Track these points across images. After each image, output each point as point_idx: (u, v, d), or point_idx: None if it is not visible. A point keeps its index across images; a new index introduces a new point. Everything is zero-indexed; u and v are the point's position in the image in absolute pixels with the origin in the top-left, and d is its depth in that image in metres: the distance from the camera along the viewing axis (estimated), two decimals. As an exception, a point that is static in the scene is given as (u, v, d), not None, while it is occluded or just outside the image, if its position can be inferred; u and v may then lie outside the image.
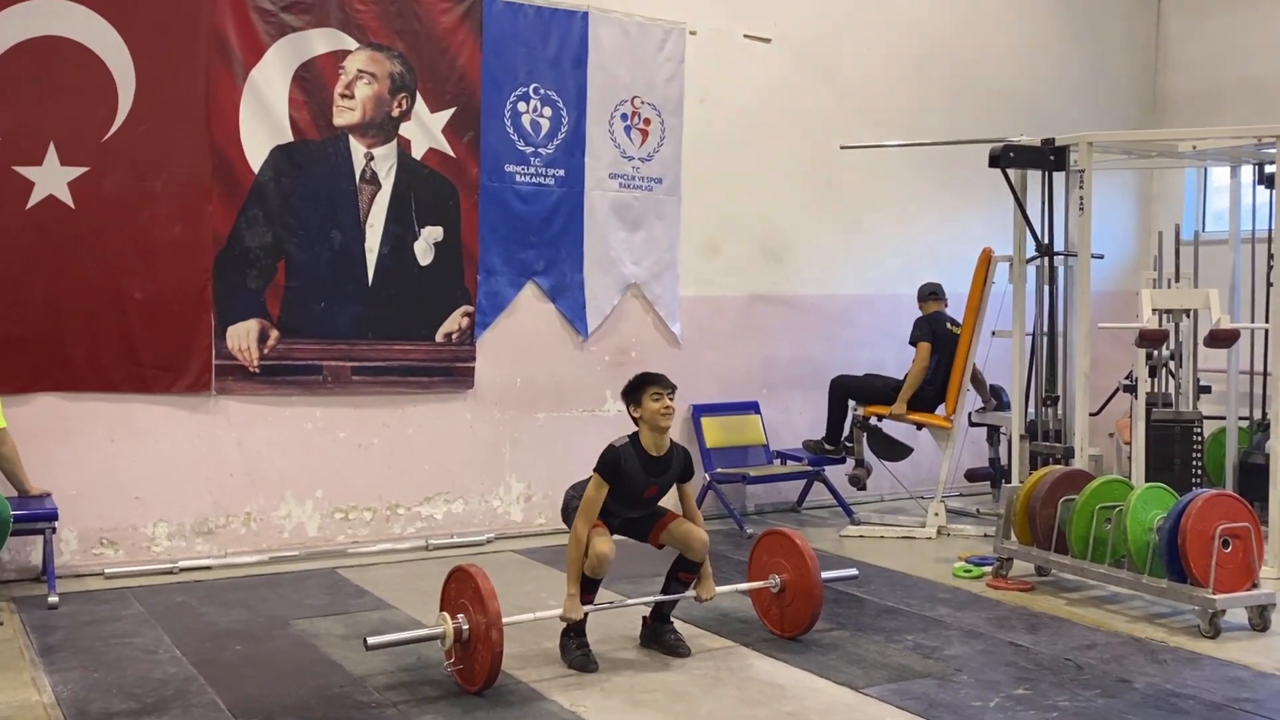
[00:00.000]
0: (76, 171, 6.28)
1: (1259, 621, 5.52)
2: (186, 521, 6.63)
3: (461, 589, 4.66)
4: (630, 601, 5.30)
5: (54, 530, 5.96)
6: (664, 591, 5.15)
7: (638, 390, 4.99)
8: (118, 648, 5.12)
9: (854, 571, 5.83)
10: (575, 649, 4.92)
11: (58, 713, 4.34)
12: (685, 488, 5.14)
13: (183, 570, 6.48)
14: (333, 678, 4.77)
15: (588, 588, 4.90)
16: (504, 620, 4.49)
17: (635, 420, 5.02)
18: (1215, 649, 5.25)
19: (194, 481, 6.65)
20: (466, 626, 4.56)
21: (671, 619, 5.20)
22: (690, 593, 5.12)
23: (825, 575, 5.32)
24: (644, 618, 5.25)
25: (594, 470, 4.90)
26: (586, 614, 4.90)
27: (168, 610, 5.74)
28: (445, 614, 4.66)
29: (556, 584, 5.09)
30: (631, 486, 4.93)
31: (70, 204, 6.27)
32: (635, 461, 4.92)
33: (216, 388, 6.67)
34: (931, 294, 8.16)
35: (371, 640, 4.61)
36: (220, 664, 4.93)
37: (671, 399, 4.96)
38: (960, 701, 4.54)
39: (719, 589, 5.16)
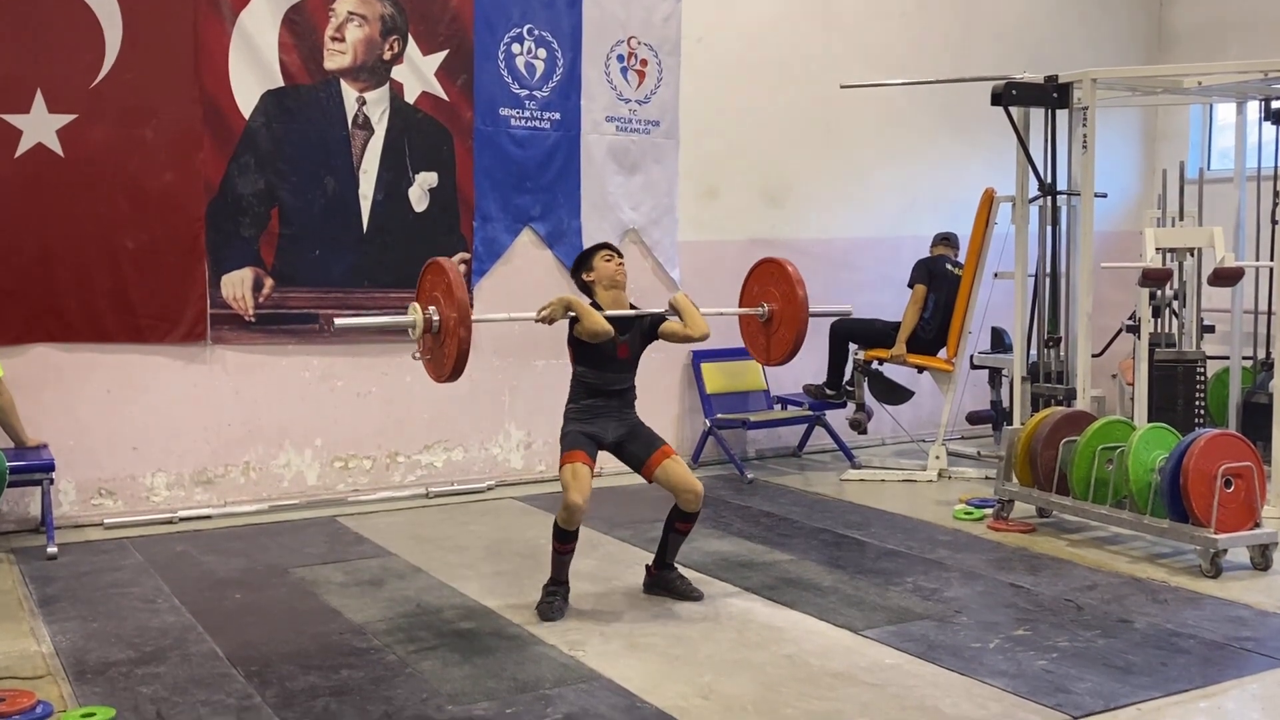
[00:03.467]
0: (65, 119, 6.20)
1: (1261, 561, 5.50)
2: (185, 471, 6.62)
3: (435, 282, 4.66)
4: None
5: (52, 481, 5.95)
6: (662, 544, 5.10)
7: (588, 257, 5.06)
8: (116, 598, 5.12)
9: (848, 307, 6.05)
10: (546, 595, 4.89)
11: (56, 662, 4.35)
12: (668, 324, 5.06)
13: (182, 520, 6.48)
14: (332, 625, 4.77)
15: (565, 540, 4.84)
16: (474, 317, 4.55)
17: (588, 288, 5.03)
18: (1217, 588, 5.24)
19: (192, 431, 6.63)
20: (437, 318, 4.57)
21: (675, 564, 5.19)
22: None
23: (818, 308, 5.37)
24: (647, 566, 5.23)
25: None
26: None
27: (167, 560, 5.74)
28: (417, 304, 4.67)
29: (555, 530, 5.08)
30: (604, 343, 4.84)
31: (59, 152, 6.20)
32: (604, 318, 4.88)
33: (212, 337, 6.63)
34: (944, 240, 8.12)
35: (339, 322, 4.71)
36: (219, 613, 4.93)
37: (622, 261, 5.03)
38: (960, 643, 4.53)
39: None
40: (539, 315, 4.81)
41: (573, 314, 4.79)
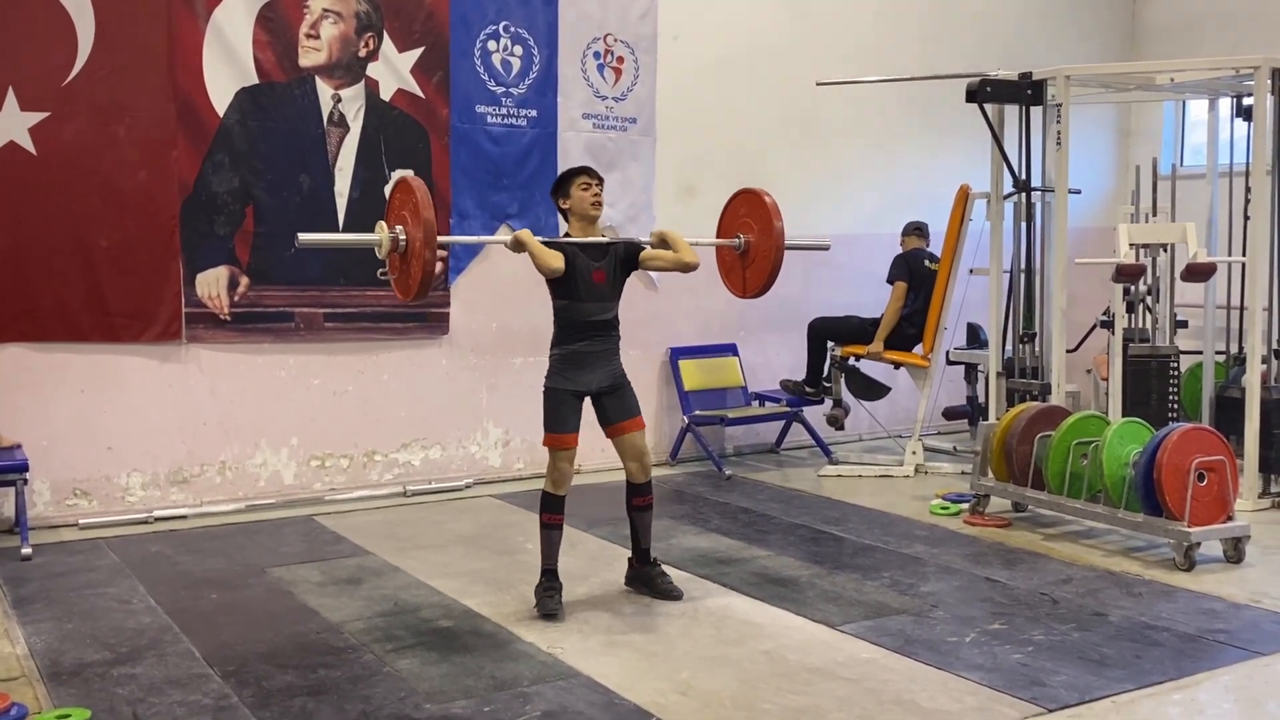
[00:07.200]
0: (37, 117, 6.14)
1: (1233, 554, 5.55)
2: (161, 471, 6.58)
3: (404, 201, 4.66)
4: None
5: (25, 482, 5.91)
6: (632, 529, 5.14)
7: (566, 182, 5.01)
8: (92, 598, 5.09)
9: (826, 241, 5.78)
10: (543, 591, 4.90)
11: (31, 664, 4.32)
12: (648, 252, 5.05)
13: (158, 520, 6.44)
14: (309, 624, 4.76)
15: (554, 509, 4.90)
16: (439, 238, 4.56)
17: (564, 214, 5.04)
18: (1190, 581, 5.28)
19: (167, 431, 6.59)
20: (404, 238, 4.58)
21: (656, 560, 5.19)
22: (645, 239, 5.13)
23: (796, 241, 5.32)
24: (629, 559, 5.23)
25: None
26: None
27: (143, 560, 5.71)
28: (383, 223, 4.66)
29: (535, 529, 5.06)
30: (580, 270, 4.84)
31: (32, 150, 6.15)
32: (572, 246, 4.88)
33: (187, 336, 6.59)
34: (915, 230, 8.12)
35: (302, 237, 4.65)
36: (195, 613, 4.91)
37: (600, 188, 4.99)
38: (936, 637, 4.56)
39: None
40: (508, 244, 4.86)
41: (523, 251, 4.78)
